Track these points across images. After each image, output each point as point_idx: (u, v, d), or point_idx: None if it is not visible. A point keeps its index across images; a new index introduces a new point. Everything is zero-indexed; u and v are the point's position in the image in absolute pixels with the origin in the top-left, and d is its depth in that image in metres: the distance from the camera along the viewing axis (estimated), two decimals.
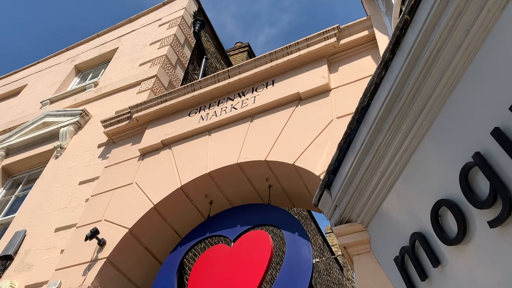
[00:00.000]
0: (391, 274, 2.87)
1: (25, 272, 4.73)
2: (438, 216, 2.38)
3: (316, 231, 12.40)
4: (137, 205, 4.79)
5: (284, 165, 4.29)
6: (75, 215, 5.13)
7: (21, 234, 5.22)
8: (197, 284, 4.21)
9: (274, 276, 8.44)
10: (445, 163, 2.35)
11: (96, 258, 4.46)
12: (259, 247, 4.05)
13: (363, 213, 3.19)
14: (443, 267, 2.38)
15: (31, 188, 6.26)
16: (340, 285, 13.71)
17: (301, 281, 3.55)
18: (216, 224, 4.66)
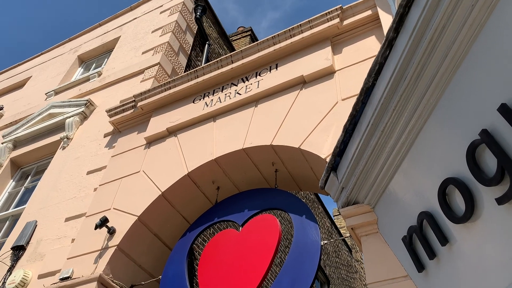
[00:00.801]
0: (400, 253, 2.88)
1: (38, 262, 4.81)
2: (445, 195, 2.37)
3: (323, 214, 12.45)
4: (145, 192, 4.82)
5: (290, 149, 4.29)
6: (84, 204, 5.18)
7: (32, 225, 5.29)
8: (207, 268, 4.26)
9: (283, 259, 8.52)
10: (452, 142, 2.34)
11: (107, 246, 4.51)
12: (267, 231, 4.07)
13: (370, 194, 3.20)
14: (451, 246, 2.38)
15: (40, 179, 6.32)
16: (349, 266, 13.81)
17: (309, 263, 3.57)
18: (223, 209, 4.68)
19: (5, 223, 6.21)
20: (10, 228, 5.93)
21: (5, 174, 6.81)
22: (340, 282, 12.32)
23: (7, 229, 6.05)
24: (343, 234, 14.63)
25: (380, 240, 3.13)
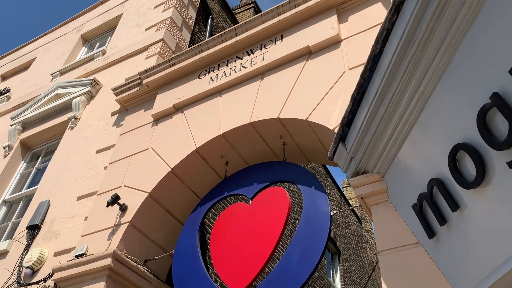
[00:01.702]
0: (410, 221, 2.89)
1: (53, 240, 4.90)
2: (455, 161, 2.35)
3: (333, 186, 12.49)
4: (155, 169, 4.85)
5: (298, 122, 4.26)
6: (95, 183, 5.23)
7: (45, 204, 5.37)
8: (219, 241, 4.31)
9: (293, 231, 8.61)
10: (462, 106, 2.30)
11: (119, 223, 4.58)
12: (277, 203, 4.10)
13: (379, 163, 3.18)
14: (462, 211, 2.38)
15: (50, 159, 6.38)
16: (359, 236, 13.93)
17: (320, 234, 3.60)
18: (233, 183, 4.71)
19: (19, 204, 6.31)
20: (24, 209, 6.04)
21: (16, 155, 6.88)
22: (351, 252, 12.46)
23: (21, 209, 6.16)
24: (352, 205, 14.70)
25: (390, 208, 3.13)
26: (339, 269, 11.22)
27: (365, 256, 13.92)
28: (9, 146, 6.92)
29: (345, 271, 11.41)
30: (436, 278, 2.66)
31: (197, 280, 4.05)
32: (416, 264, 2.78)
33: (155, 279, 4.52)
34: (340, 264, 11.29)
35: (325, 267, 10.30)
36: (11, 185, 6.61)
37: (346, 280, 11.19)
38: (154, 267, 4.64)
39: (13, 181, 6.66)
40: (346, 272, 11.42)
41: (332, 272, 11.05)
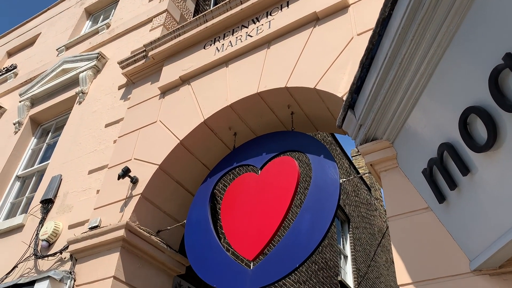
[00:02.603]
0: (420, 186, 2.88)
1: (67, 213, 4.99)
2: (466, 125, 2.32)
3: (342, 155, 12.48)
4: (164, 142, 4.87)
5: (305, 90, 4.22)
6: (105, 156, 5.28)
7: (58, 179, 5.45)
8: (229, 211, 4.36)
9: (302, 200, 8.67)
10: (473, 69, 2.25)
11: (131, 195, 4.64)
12: (286, 172, 4.11)
13: (388, 129, 3.16)
14: (473, 175, 2.37)
15: (60, 135, 6.43)
16: (368, 204, 14.02)
17: (329, 201, 3.62)
18: (242, 154, 4.72)
19: (32, 179, 6.41)
20: (37, 184, 6.13)
21: (26, 132, 6.94)
22: (360, 220, 12.57)
23: (34, 184, 6.26)
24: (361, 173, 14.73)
25: (399, 174, 3.12)
26: (349, 236, 11.35)
27: (374, 224, 14.04)
28: (19, 123, 6.97)
29: (355, 239, 11.54)
30: (446, 242, 2.68)
31: (209, 249, 4.13)
32: (426, 229, 2.79)
33: (168, 249, 4.61)
34: (350, 231, 11.42)
35: (335, 234, 10.42)
36: (23, 160, 6.70)
37: (356, 247, 11.33)
38: (166, 237, 4.73)
39: (25, 157, 6.75)
40: (356, 240, 11.56)
41: (342, 239, 11.19)
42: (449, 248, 2.65)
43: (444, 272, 2.58)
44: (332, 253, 9.78)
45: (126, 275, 4.19)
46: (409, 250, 2.80)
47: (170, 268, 4.67)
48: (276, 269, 3.59)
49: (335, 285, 9.40)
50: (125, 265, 4.23)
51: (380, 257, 13.45)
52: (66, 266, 4.46)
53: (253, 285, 3.66)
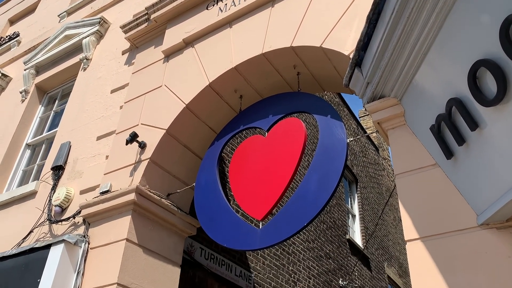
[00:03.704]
0: (427, 143, 2.87)
1: (77, 179, 5.07)
2: (475, 78, 2.28)
3: (349, 116, 12.41)
4: (170, 106, 4.86)
5: (311, 49, 4.15)
6: (112, 122, 5.29)
7: (67, 146, 5.50)
8: (237, 174, 4.40)
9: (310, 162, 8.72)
10: (483, 21, 2.18)
11: (140, 160, 4.68)
12: (293, 133, 4.11)
13: (396, 86, 3.12)
14: (481, 130, 2.34)
15: (66, 102, 6.44)
16: (376, 164, 14.06)
17: (337, 160, 3.63)
18: (248, 117, 4.71)
19: (41, 147, 6.48)
20: (46, 151, 6.20)
21: (33, 100, 6.95)
22: (368, 179, 12.64)
23: (44, 152, 6.33)
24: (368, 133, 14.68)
25: (407, 132, 3.11)
26: (356, 196, 11.46)
27: (382, 183, 14.13)
28: (25, 91, 6.97)
29: (363, 198, 11.66)
30: (453, 198, 2.69)
31: (219, 210, 4.19)
32: (433, 185, 2.80)
33: (178, 211, 4.70)
34: (358, 191, 11.52)
35: (343, 195, 10.53)
36: (32, 129, 6.75)
37: (364, 207, 11.47)
38: (177, 200, 4.80)
39: (33, 125, 6.79)
40: (364, 199, 11.68)
41: (350, 199, 11.31)
42: (456, 203, 2.67)
43: (451, 227, 2.60)
44: (340, 213, 9.91)
45: (139, 237, 4.29)
46: (416, 206, 2.82)
47: (181, 229, 4.77)
48: (285, 227, 3.65)
49: (343, 244, 9.58)
50: (137, 227, 4.32)
51: (388, 216, 13.62)
52: (80, 230, 4.57)
53: (262, 243, 3.74)
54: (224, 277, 5.83)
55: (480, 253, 2.45)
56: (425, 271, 2.60)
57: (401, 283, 12.70)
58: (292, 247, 7.54)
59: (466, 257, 2.49)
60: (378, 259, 11.40)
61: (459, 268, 2.49)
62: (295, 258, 7.52)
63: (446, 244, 2.58)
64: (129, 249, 4.17)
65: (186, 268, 5.16)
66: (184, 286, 5.06)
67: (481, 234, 2.49)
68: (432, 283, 2.54)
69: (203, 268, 5.50)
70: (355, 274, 9.67)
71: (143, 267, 4.23)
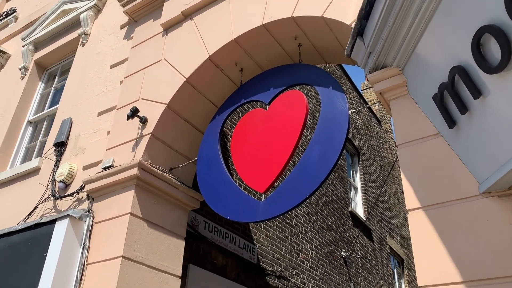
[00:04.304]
0: (430, 112, 2.85)
1: (80, 155, 5.08)
2: (479, 45, 2.24)
3: (351, 89, 12.32)
4: (170, 80, 4.82)
5: (312, 19, 4.08)
6: (113, 97, 5.27)
7: (68, 122, 5.49)
8: (239, 148, 4.40)
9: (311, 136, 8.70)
10: None
11: (141, 135, 4.68)
12: (294, 106, 4.08)
13: (398, 56, 3.07)
14: (485, 98, 2.32)
15: (66, 78, 6.39)
16: (378, 137, 14.05)
17: (338, 132, 3.62)
18: (249, 90, 4.67)
19: (43, 124, 6.48)
20: (48, 128, 6.19)
21: (32, 77, 6.90)
22: (370, 152, 12.66)
23: (46, 128, 6.33)
24: (372, 107, 14.62)
25: (409, 102, 3.08)
26: (359, 169, 11.50)
27: (384, 156, 14.15)
28: (24, 68, 6.92)
29: (365, 171, 11.70)
30: (455, 167, 2.69)
31: (221, 183, 4.21)
32: (435, 155, 2.79)
33: (181, 185, 4.72)
34: (360, 164, 11.55)
35: (345, 168, 10.56)
36: (33, 105, 6.73)
37: (366, 179, 11.52)
38: (179, 175, 4.82)
39: (34, 102, 6.77)
40: (366, 172, 11.71)
41: (352, 172, 11.35)
42: (458, 172, 2.67)
43: (453, 195, 2.61)
44: (342, 186, 9.97)
45: (143, 211, 4.33)
46: (418, 176, 2.82)
47: (184, 203, 4.80)
48: (287, 200, 3.68)
49: (345, 216, 9.67)
50: (141, 202, 4.36)
51: (390, 188, 13.69)
52: (84, 205, 4.61)
53: (265, 215, 3.77)
54: (228, 249, 5.91)
55: (481, 221, 2.47)
56: (427, 240, 2.62)
57: (402, 253, 12.88)
58: (294, 220, 7.62)
59: (467, 225, 2.51)
60: (380, 230, 11.53)
61: (460, 236, 2.51)
62: (297, 230, 7.61)
63: (447, 212, 2.60)
64: (134, 222, 4.21)
65: (190, 241, 5.23)
66: (188, 258, 5.14)
67: (482, 203, 2.49)
68: (434, 251, 2.57)
69: (207, 241, 5.58)
70: (357, 245, 9.80)
71: (147, 240, 4.28)
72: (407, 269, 12.93)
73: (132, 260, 4.07)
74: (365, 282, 9.66)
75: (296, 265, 7.29)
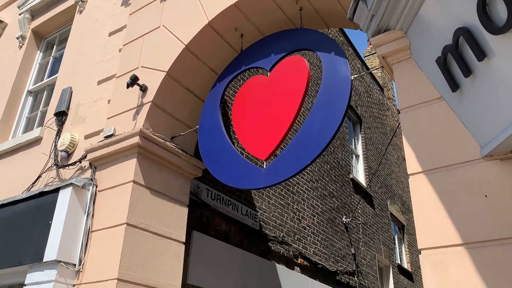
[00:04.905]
0: (433, 76, 2.81)
1: (81, 124, 5.08)
2: (485, 5, 2.18)
3: (354, 55, 12.15)
4: (169, 47, 4.75)
5: None
6: (112, 66, 5.21)
7: (68, 91, 5.46)
8: (240, 116, 4.38)
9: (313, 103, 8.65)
10: None
11: (142, 103, 4.65)
12: (296, 72, 4.04)
13: (401, 18, 3.01)
14: (489, 60, 2.28)
15: (65, 47, 6.31)
16: (381, 105, 13.97)
17: (340, 98, 3.58)
18: (250, 56, 4.61)
19: (43, 93, 6.44)
20: (48, 97, 6.17)
21: (30, 46, 6.81)
22: (372, 120, 12.62)
23: (46, 98, 6.30)
24: (374, 74, 14.47)
25: (412, 65, 3.03)
26: (360, 137, 11.49)
27: (386, 123, 14.12)
28: (22, 37, 6.82)
29: (367, 138, 11.69)
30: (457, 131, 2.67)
31: (223, 151, 4.22)
32: (438, 119, 2.77)
33: (183, 154, 4.73)
34: (362, 132, 11.53)
35: (347, 135, 10.55)
36: (32, 75, 6.67)
37: (367, 147, 11.53)
38: (181, 143, 4.82)
39: (33, 72, 6.71)
40: (367, 139, 11.71)
41: (354, 140, 11.35)
42: (460, 136, 2.66)
43: (454, 159, 2.61)
44: (344, 153, 9.99)
45: (145, 179, 4.36)
46: (420, 140, 2.81)
47: (187, 171, 4.83)
48: (289, 166, 3.68)
49: (347, 183, 9.74)
50: (143, 170, 4.38)
51: (392, 155, 13.73)
52: (87, 174, 4.64)
53: (267, 182, 3.79)
54: (231, 216, 5.99)
55: (483, 184, 2.47)
56: (427, 204, 2.64)
57: (403, 219, 13.05)
58: (296, 187, 7.68)
59: (469, 188, 2.52)
60: (381, 197, 11.64)
61: (462, 200, 2.53)
62: (299, 197, 7.68)
63: (449, 176, 2.60)
64: (136, 190, 4.25)
65: (194, 208, 5.29)
66: (192, 225, 5.22)
67: (484, 166, 2.49)
68: (434, 214, 2.59)
69: (210, 208, 5.64)
70: (358, 211, 9.91)
71: (151, 208, 4.33)
72: (408, 235, 13.13)
73: (136, 227, 4.13)
74: (366, 247, 9.83)
75: (298, 231, 7.39)
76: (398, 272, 11.49)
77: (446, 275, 2.42)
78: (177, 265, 4.43)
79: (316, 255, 7.72)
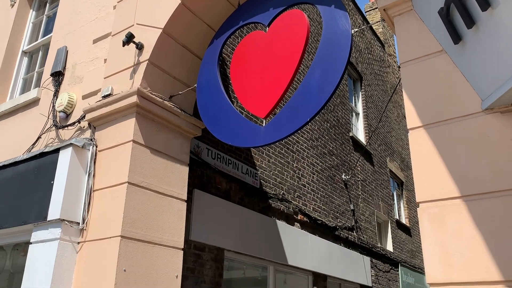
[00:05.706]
0: (435, 28, 2.75)
1: (78, 84, 5.02)
2: None
3: (355, 10, 11.85)
4: (164, 3, 4.62)
5: None
6: (107, 24, 5.09)
7: (63, 51, 5.36)
8: (239, 73, 4.32)
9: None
10: None
11: (138, 62, 4.58)
12: (295, 27, 3.94)
13: None
14: (493, 10, 2.22)
15: (58, 5, 6.15)
16: (381, 61, 13.78)
17: (341, 53, 3.51)
18: (247, 11, 4.49)
19: (38, 54, 6.34)
20: (44, 58, 6.07)
21: (22, 4, 6.63)
22: (373, 77, 12.48)
23: (41, 58, 6.20)
24: (375, 29, 14.18)
25: (414, 18, 2.96)
26: (361, 94, 11.41)
27: (387, 80, 13.98)
28: None
29: (367, 96, 11.62)
30: (457, 85, 2.64)
31: (222, 109, 4.19)
32: (439, 72, 2.73)
33: (182, 113, 4.71)
34: (362, 89, 11.44)
35: (347, 93, 10.47)
36: (26, 35, 6.53)
37: (368, 104, 11.47)
38: (179, 102, 4.79)
39: (27, 31, 6.57)
40: (368, 97, 11.64)
41: (354, 97, 11.28)
42: (460, 90, 2.63)
43: (455, 113, 2.59)
44: (343, 111, 9.95)
45: (145, 138, 4.36)
46: (420, 94, 2.78)
47: (186, 130, 4.82)
48: (288, 124, 3.67)
49: (346, 141, 9.77)
50: (143, 129, 4.37)
51: (392, 113, 13.68)
52: (87, 134, 4.63)
53: (266, 140, 3.78)
54: (231, 175, 6.04)
55: (483, 137, 2.47)
56: (427, 158, 2.65)
57: (402, 176, 13.18)
58: (296, 146, 7.70)
59: (469, 142, 2.51)
60: (380, 154, 11.70)
61: (461, 153, 2.53)
62: (299, 156, 7.72)
63: (449, 130, 2.59)
64: (137, 149, 4.26)
65: (194, 167, 5.32)
66: (193, 183, 5.27)
67: (485, 119, 2.48)
68: (433, 168, 2.60)
69: (210, 167, 5.68)
70: (358, 169, 9.99)
71: (152, 166, 4.35)
72: (406, 191, 13.31)
73: (137, 185, 4.16)
74: (365, 203, 9.98)
75: (298, 188, 7.48)
76: (396, 227, 11.74)
77: (443, 227, 2.46)
78: (179, 222, 4.51)
79: (316, 212, 7.85)
